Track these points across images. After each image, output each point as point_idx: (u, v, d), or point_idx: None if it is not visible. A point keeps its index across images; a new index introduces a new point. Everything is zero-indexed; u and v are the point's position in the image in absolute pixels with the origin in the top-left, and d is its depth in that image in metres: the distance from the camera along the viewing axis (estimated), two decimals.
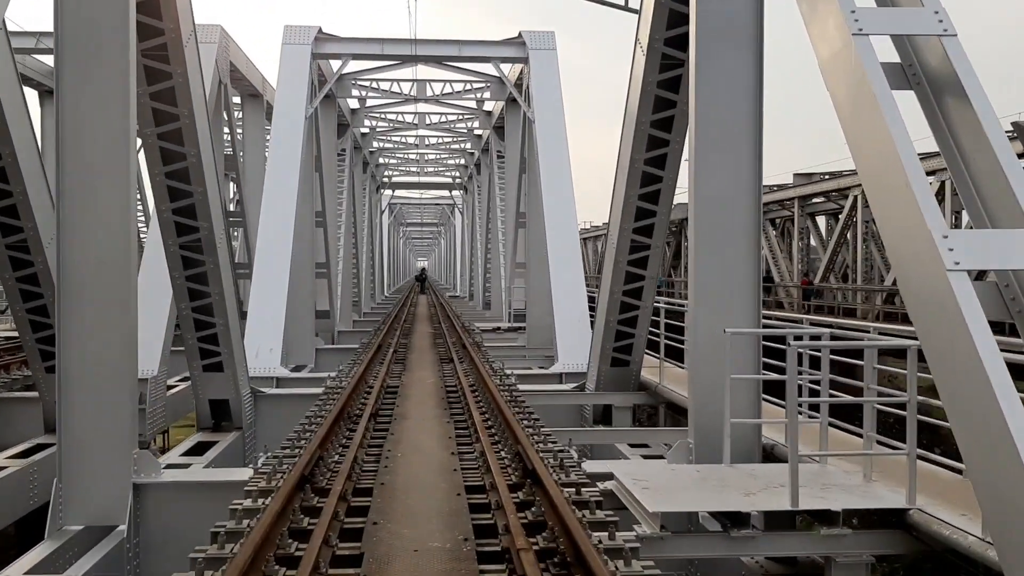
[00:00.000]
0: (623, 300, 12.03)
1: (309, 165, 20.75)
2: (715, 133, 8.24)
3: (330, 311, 25.35)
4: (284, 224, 17.47)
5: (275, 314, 16.41)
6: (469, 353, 16.63)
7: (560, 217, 17.94)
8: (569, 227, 17.89)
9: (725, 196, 8.21)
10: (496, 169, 30.63)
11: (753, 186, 8.25)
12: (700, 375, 8.20)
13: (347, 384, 12.29)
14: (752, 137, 8.22)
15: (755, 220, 8.26)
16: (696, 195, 8.23)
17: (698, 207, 8.22)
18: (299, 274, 20.76)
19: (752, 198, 8.24)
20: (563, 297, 16.99)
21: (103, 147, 7.64)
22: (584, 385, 13.57)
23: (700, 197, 8.21)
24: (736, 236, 8.21)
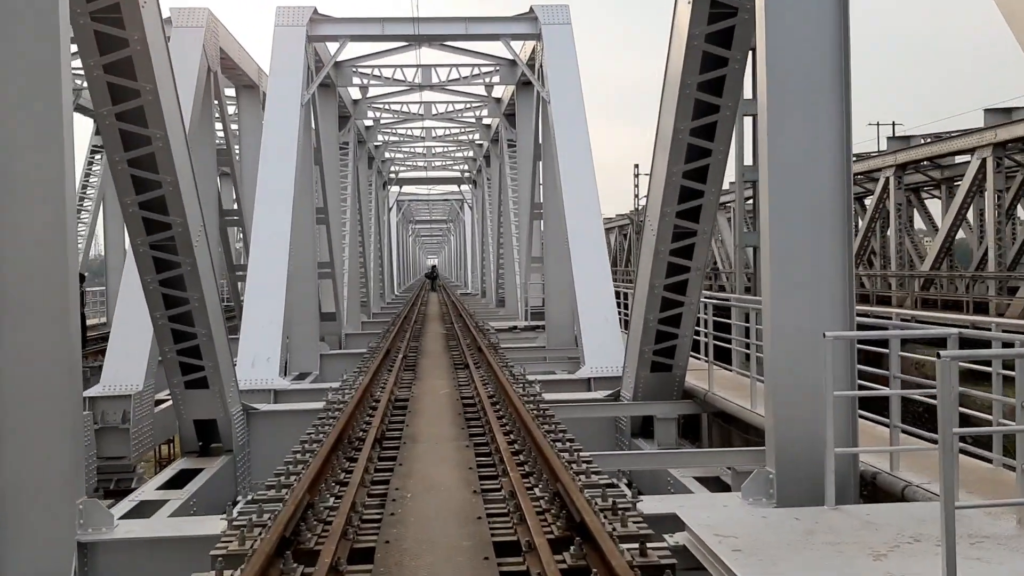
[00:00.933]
0: (664, 296, 10.40)
1: (307, 157, 19.19)
2: (793, 88, 6.61)
3: (336, 313, 23.79)
4: (280, 221, 15.92)
5: (272, 320, 14.86)
6: (485, 356, 15.06)
7: (581, 204, 16.31)
8: (592, 215, 16.27)
9: (807, 165, 6.60)
10: (507, 159, 28.99)
11: (840, 151, 6.62)
12: (783, 389, 6.58)
13: (350, 398, 10.74)
14: (838, 92, 6.59)
15: (844, 193, 6.63)
16: (772, 165, 6.60)
17: (774, 180, 6.60)
18: (300, 275, 19.21)
19: (840, 166, 6.62)
20: (588, 293, 15.37)
21: (26, 125, 6.07)
22: (619, 393, 11.95)
23: (777, 167, 6.58)
24: (823, 215, 6.60)
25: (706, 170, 9.51)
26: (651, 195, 10.16)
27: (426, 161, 46.50)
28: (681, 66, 8.93)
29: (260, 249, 15.56)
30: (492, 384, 12.36)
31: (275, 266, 15.40)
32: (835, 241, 6.61)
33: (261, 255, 15.48)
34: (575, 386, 14.12)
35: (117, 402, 13.34)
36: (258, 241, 15.66)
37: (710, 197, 9.68)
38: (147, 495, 9.44)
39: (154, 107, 8.70)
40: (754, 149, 13.83)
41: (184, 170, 9.48)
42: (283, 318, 15.20)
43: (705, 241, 10.02)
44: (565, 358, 18.29)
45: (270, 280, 15.26)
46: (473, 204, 51.98)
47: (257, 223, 15.91)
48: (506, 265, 30.79)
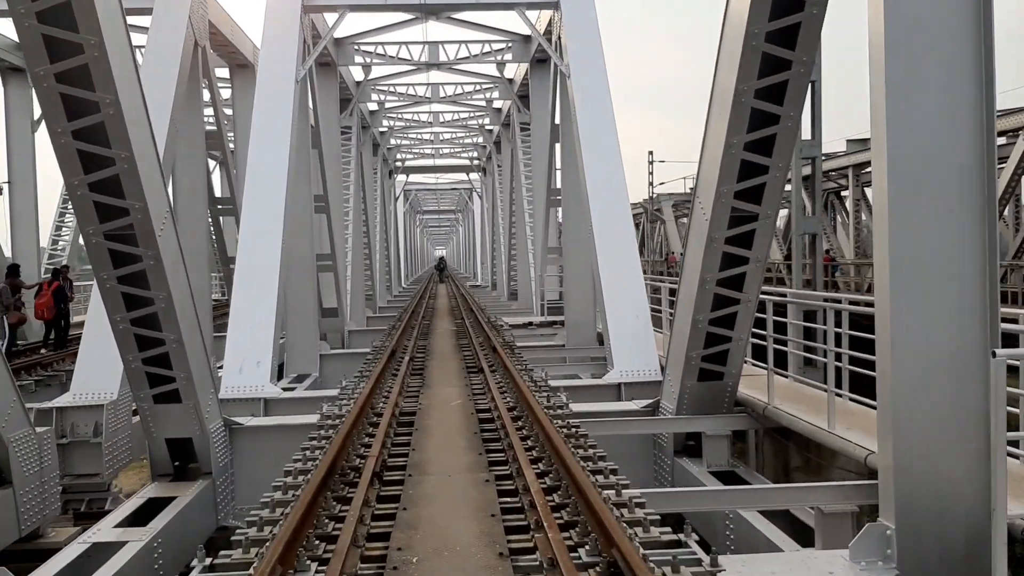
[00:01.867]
0: (717, 292, 8.77)
1: (304, 139, 17.58)
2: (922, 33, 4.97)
3: (338, 309, 22.24)
4: (272, 208, 14.33)
5: (263, 318, 13.29)
6: (501, 358, 13.48)
7: (607, 188, 14.67)
8: (619, 200, 14.62)
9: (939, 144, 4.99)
10: (520, 143, 27.34)
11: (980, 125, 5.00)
12: (909, 422, 4.97)
13: (348, 412, 9.19)
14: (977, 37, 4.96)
15: (983, 179, 5.00)
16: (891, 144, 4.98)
17: (894, 163, 4.98)
18: (297, 268, 17.65)
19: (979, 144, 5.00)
20: (615, 287, 13.75)
21: None
22: (657, 405, 10.34)
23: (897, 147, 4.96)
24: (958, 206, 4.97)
25: (772, 141, 7.86)
26: (703, 172, 8.52)
27: (433, 148, 44.89)
28: (747, 12, 7.27)
29: (249, 240, 13.98)
30: (511, 392, 10.78)
31: (267, 258, 13.83)
32: (972, 238, 4.99)
33: (250, 246, 13.90)
34: (603, 393, 12.52)
35: (88, 413, 11.85)
36: (247, 231, 14.08)
37: (776, 174, 8.04)
38: (103, 534, 7.89)
39: (101, 65, 7.11)
40: (812, 120, 12.17)
41: (143, 144, 7.89)
42: (276, 316, 13.62)
43: (768, 228, 8.38)
44: (588, 359, 16.69)
45: (261, 274, 13.69)
46: (483, 193, 50.34)
47: (246, 211, 14.33)
48: (519, 256, 29.19)
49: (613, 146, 15.04)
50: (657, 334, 13.55)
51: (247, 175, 14.75)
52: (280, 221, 14.23)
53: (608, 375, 12.96)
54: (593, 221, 14.37)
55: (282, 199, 14.45)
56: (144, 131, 7.98)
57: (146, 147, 7.99)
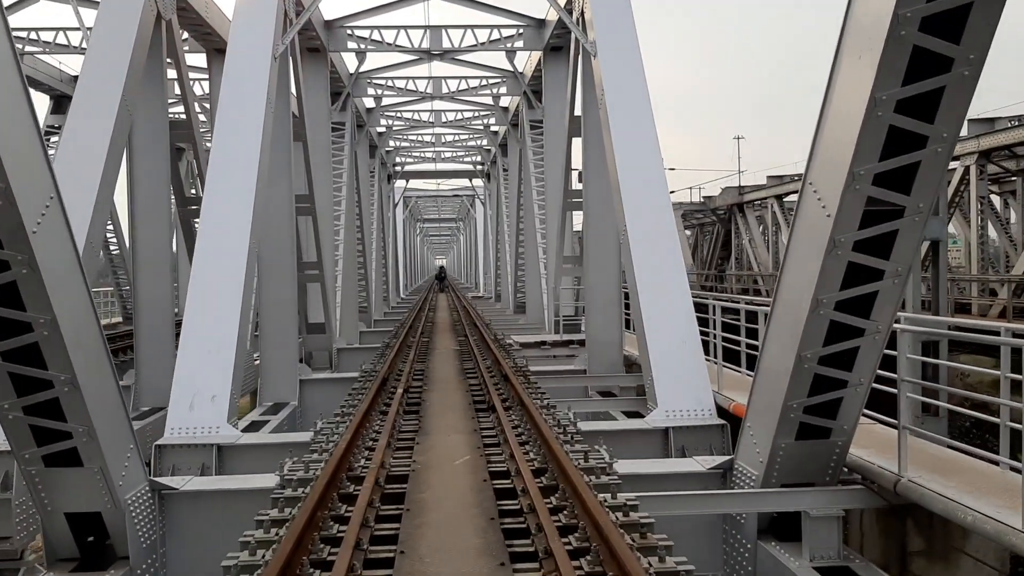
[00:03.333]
0: (835, 318, 6.19)
1: (283, 130, 15.04)
2: None
3: (326, 324, 19.66)
4: (237, 207, 11.77)
5: (221, 341, 10.71)
6: (515, 389, 10.93)
7: (644, 185, 12.13)
8: (659, 200, 12.08)
9: None
10: (530, 143, 24.80)
11: None
12: None
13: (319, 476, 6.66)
14: None
15: None
16: None
17: None
18: (274, 278, 15.11)
19: None
20: (657, 304, 11.19)
21: None
22: (732, 467, 7.75)
23: None
24: None
25: (938, 97, 5.30)
26: (824, 144, 5.93)
27: (435, 152, 42.40)
28: None
29: (207, 245, 11.42)
30: (534, 445, 8.22)
31: (228, 267, 11.26)
32: None
33: (208, 253, 11.33)
34: (646, 442, 9.94)
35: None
36: (205, 234, 11.52)
37: (938, 148, 5.47)
38: None
39: None
40: None
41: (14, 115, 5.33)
42: (240, 337, 11.05)
43: (916, 228, 5.80)
44: (617, 388, 14.11)
45: (220, 286, 11.12)
46: (486, 199, 47.84)
47: (205, 210, 11.77)
48: (527, 266, 26.61)
49: (650, 135, 12.50)
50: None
51: (208, 166, 12.20)
52: (247, 222, 11.67)
53: (651, 416, 10.36)
54: (627, 225, 11.81)
55: (251, 196, 11.90)
56: (16, 94, 5.42)
57: (21, 116, 5.43)
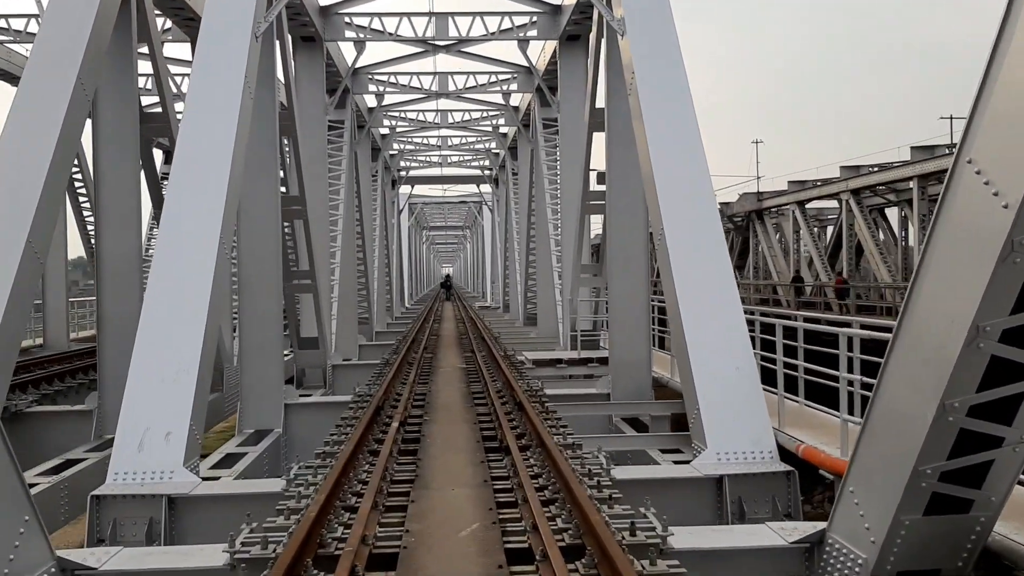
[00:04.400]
0: (999, 353, 4.35)
1: (267, 121, 13.28)
2: None
3: (319, 339, 17.88)
4: (206, 206, 9.97)
5: (180, 364, 8.90)
6: (532, 423, 9.14)
7: (686, 182, 10.31)
8: (702, 199, 10.25)
9: None
10: (543, 143, 23.02)
11: None
12: None
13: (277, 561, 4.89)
14: None
15: None
16: None
17: None
18: (254, 289, 13.33)
19: None
20: (703, 323, 9.35)
21: None
22: (823, 539, 5.89)
23: None
24: None
25: None
26: (992, 116, 4.10)
27: (441, 156, 40.69)
28: None
29: (167, 251, 9.61)
30: (562, 507, 6.40)
31: (192, 277, 9.46)
32: None
33: (168, 261, 9.53)
34: (696, 493, 8.09)
35: None
36: (166, 238, 9.71)
37: None
38: None
39: None
40: None
41: None
42: (206, 359, 9.25)
43: None
44: (646, 416, 12.27)
45: (182, 299, 9.32)
46: (494, 206, 46.09)
47: (167, 208, 9.97)
48: (539, 275, 24.79)
49: (690, 123, 10.68)
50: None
51: (173, 159, 10.42)
52: (217, 223, 9.87)
53: (701, 460, 8.50)
54: (665, 229, 9.97)
55: (221, 194, 10.10)
56: None
57: None
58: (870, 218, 35.27)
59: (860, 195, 35.10)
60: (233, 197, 10.53)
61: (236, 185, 10.65)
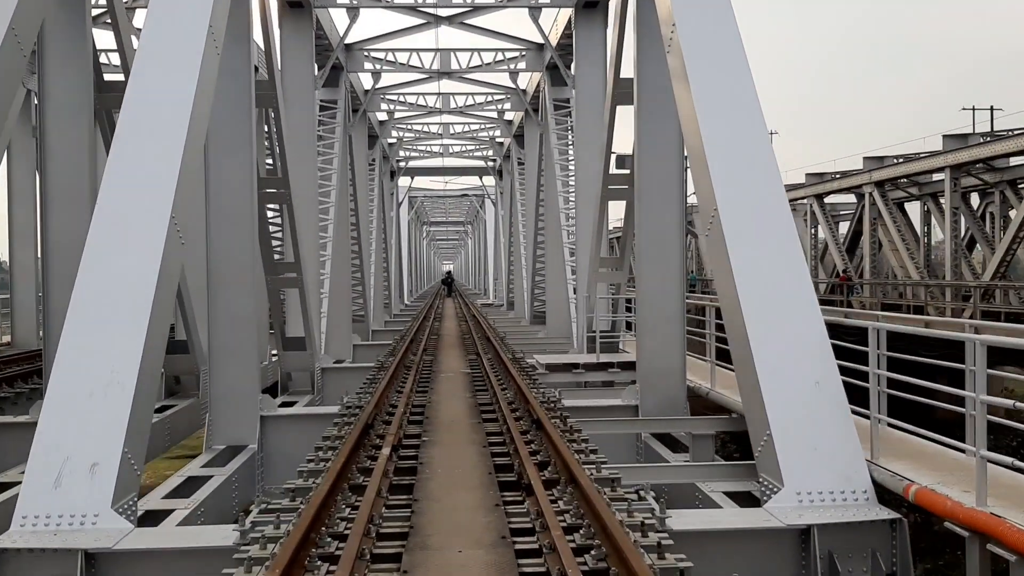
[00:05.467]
0: None
1: (239, 88, 11.36)
2: None
3: (306, 341, 16.01)
4: (152, 181, 8.06)
5: (112, 377, 7.01)
6: (557, 449, 7.32)
7: (742, 151, 8.43)
8: (765, 171, 8.34)
9: None
10: (554, 125, 21.11)
11: None
12: None
13: None
14: None
15: None
16: None
17: None
18: (225, 284, 11.44)
19: None
20: (774, 327, 7.47)
21: None
22: None
23: None
24: None
25: None
26: None
27: (442, 146, 38.78)
28: None
29: (104, 231, 7.72)
30: None
31: (133, 263, 7.57)
32: None
33: (101, 248, 7.63)
34: (774, 547, 6.22)
35: None
36: (104, 216, 7.81)
37: None
38: None
39: None
40: None
41: None
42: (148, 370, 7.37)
43: None
44: (685, 435, 10.38)
45: (118, 290, 7.44)
46: (497, 199, 44.20)
47: (106, 186, 8.05)
48: (548, 270, 22.90)
49: (745, 80, 8.78)
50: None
51: (118, 122, 8.52)
52: (167, 202, 7.97)
53: (777, 503, 6.61)
54: (721, 212, 8.07)
55: (174, 166, 8.19)
56: None
57: None
58: (898, 212, 33.40)
59: (883, 188, 33.25)
60: (191, 171, 8.65)
61: (194, 157, 8.75)
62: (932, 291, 29.61)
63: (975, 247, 32.49)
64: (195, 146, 8.79)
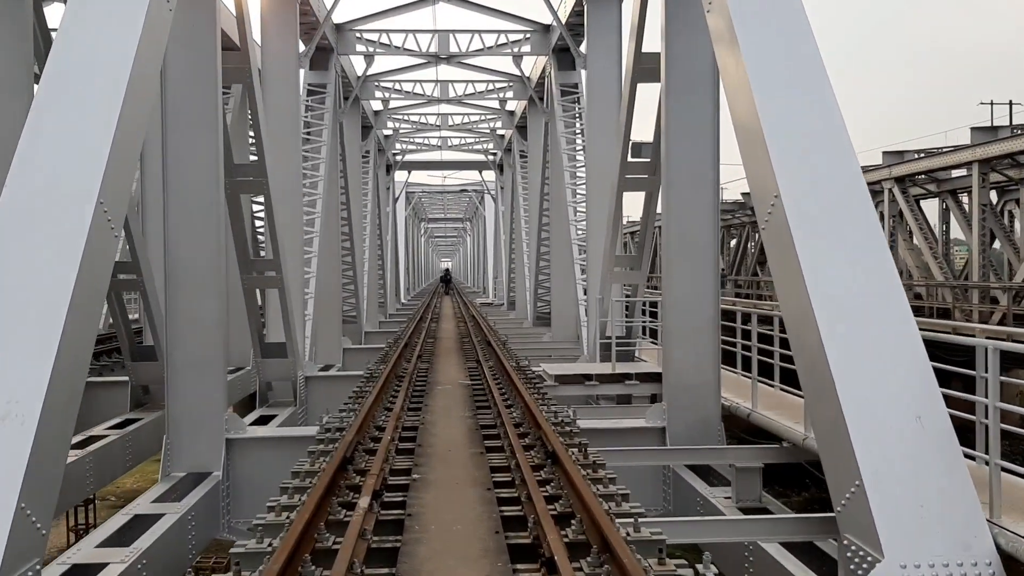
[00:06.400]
0: None
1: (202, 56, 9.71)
2: None
3: (287, 345, 14.39)
4: (77, 153, 6.44)
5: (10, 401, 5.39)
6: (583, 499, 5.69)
7: (807, 120, 6.81)
8: (837, 143, 6.72)
9: None
10: (561, 112, 19.48)
11: None
12: None
13: None
14: None
15: None
16: None
17: None
18: (184, 285, 9.81)
19: None
20: (860, 347, 5.85)
21: None
22: None
23: None
24: None
25: None
26: None
27: (440, 139, 37.14)
28: None
29: (8, 220, 6.09)
30: None
31: (42, 258, 5.95)
32: None
33: (6, 235, 6.01)
34: None
35: None
36: (8, 202, 6.18)
37: None
38: None
39: None
40: None
41: None
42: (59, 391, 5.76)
43: None
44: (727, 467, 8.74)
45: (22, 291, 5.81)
46: (498, 194, 42.57)
47: (21, 155, 6.42)
48: (554, 268, 21.29)
49: (807, 39, 7.17)
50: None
51: (40, 82, 6.88)
52: (94, 181, 6.34)
53: None
54: (784, 196, 6.46)
55: (106, 137, 6.56)
56: None
57: None
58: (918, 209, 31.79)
59: (904, 184, 31.61)
60: (130, 144, 7.02)
61: (134, 129, 7.12)
62: (957, 293, 28.04)
63: (993, 245, 30.96)
64: (135, 117, 7.16)
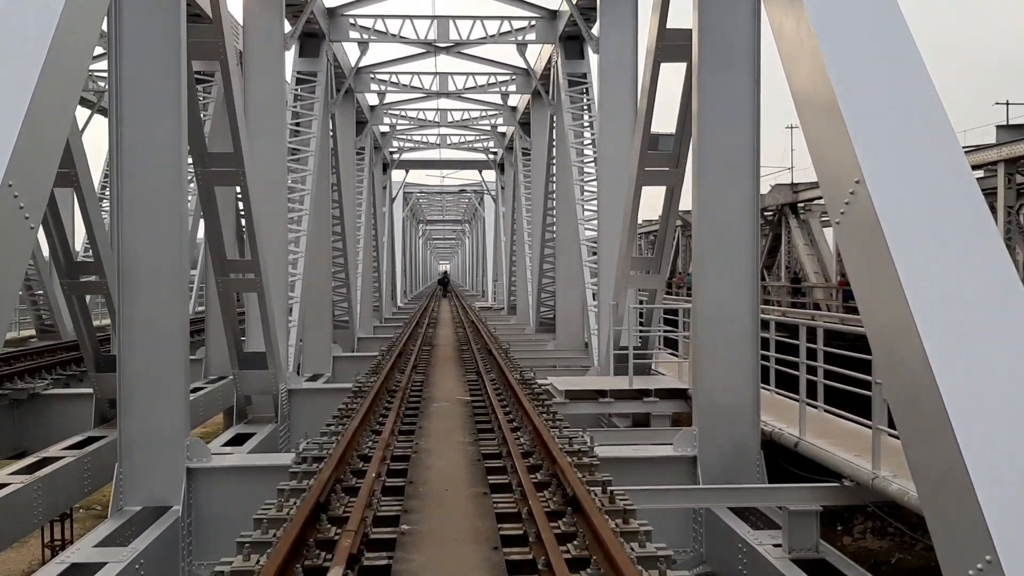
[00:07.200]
0: None
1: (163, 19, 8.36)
2: None
3: (268, 356, 13.01)
4: None
5: None
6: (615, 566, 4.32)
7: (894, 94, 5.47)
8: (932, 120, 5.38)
9: None
10: (568, 104, 18.15)
11: None
12: None
13: None
14: None
15: None
16: None
17: None
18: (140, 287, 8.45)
19: None
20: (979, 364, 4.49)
21: None
22: None
23: None
24: None
25: None
26: None
27: (439, 136, 35.82)
28: None
29: None
30: None
31: None
32: None
33: None
34: None
35: None
36: None
37: None
38: None
39: None
40: None
41: None
42: None
43: None
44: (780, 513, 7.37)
45: None
46: (498, 195, 41.23)
47: None
48: (560, 271, 19.94)
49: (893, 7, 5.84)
50: None
51: None
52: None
53: None
54: (868, 181, 5.12)
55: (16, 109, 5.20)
56: None
57: None
58: None
59: None
60: (53, 115, 5.66)
61: (60, 96, 5.76)
62: None
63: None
64: (66, 84, 5.80)
